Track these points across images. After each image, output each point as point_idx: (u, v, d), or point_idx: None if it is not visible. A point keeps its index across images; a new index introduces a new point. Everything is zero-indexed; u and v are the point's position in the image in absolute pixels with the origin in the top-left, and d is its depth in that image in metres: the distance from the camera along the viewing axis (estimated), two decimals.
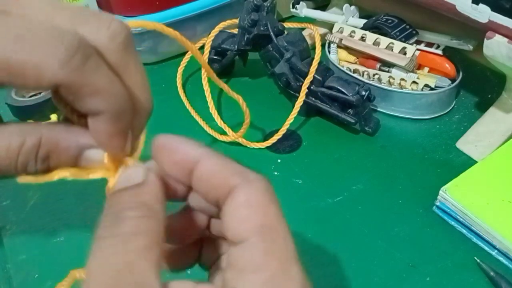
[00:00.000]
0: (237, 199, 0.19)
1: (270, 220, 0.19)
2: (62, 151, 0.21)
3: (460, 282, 0.38)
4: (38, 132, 0.21)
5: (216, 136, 0.50)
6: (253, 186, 0.20)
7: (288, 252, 0.19)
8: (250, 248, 0.19)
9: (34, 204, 0.43)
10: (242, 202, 0.19)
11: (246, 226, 0.19)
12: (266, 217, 0.19)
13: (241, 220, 0.19)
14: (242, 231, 0.19)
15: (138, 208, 0.19)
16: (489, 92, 0.54)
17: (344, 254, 0.40)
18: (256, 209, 0.19)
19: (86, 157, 0.21)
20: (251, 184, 0.20)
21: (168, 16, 0.59)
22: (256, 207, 0.19)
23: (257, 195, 0.19)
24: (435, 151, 0.49)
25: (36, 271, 0.38)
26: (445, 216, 0.42)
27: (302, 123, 0.53)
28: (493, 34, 0.43)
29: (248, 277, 0.18)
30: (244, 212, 0.19)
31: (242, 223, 0.19)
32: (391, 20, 0.55)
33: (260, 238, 0.19)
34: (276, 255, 0.19)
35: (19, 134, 0.20)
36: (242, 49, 0.54)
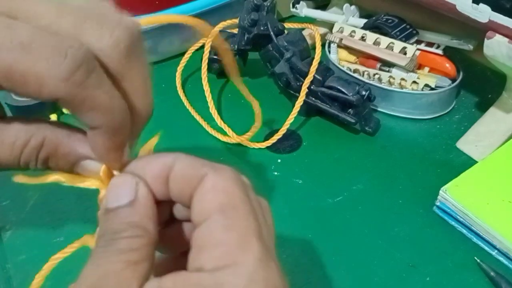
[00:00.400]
0: (205, 186, 0.20)
1: (233, 200, 0.20)
2: (61, 157, 0.22)
3: (460, 282, 0.38)
4: (42, 133, 0.21)
5: (218, 136, 0.50)
6: (220, 173, 0.20)
7: (248, 229, 0.19)
8: (210, 225, 0.19)
9: (34, 204, 0.43)
10: (208, 187, 0.20)
11: (209, 206, 0.20)
12: (229, 198, 0.20)
13: (205, 202, 0.20)
14: (205, 210, 0.20)
15: (130, 230, 0.20)
16: (490, 92, 0.54)
17: (344, 254, 0.39)
18: (220, 192, 0.20)
19: (82, 166, 0.22)
20: (218, 171, 0.20)
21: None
22: (220, 190, 0.20)
23: (223, 181, 0.20)
24: (435, 151, 0.49)
25: (36, 271, 0.38)
26: (445, 216, 0.42)
27: (302, 123, 0.53)
28: (493, 34, 0.43)
29: (207, 252, 0.19)
30: (209, 195, 0.20)
31: (206, 204, 0.20)
32: (391, 20, 0.55)
33: (221, 215, 0.19)
34: (236, 230, 0.19)
35: (25, 133, 0.21)
36: (242, 49, 0.54)
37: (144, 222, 0.20)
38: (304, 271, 0.38)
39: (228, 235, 0.19)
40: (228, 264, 0.18)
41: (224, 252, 0.19)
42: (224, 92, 0.57)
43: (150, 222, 0.20)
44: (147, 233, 0.20)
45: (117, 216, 0.20)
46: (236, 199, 0.20)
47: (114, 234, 0.20)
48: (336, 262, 0.39)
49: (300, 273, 0.38)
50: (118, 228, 0.20)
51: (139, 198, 0.20)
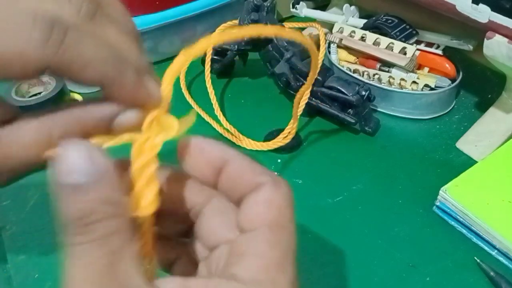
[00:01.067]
0: (261, 196, 0.20)
1: (284, 220, 0.20)
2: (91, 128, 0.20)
3: (460, 282, 0.38)
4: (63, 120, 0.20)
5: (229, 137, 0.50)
6: (278, 188, 0.21)
7: (288, 251, 0.20)
8: (257, 236, 0.20)
9: (34, 204, 0.43)
10: (264, 198, 0.20)
11: (260, 218, 0.20)
12: (280, 217, 0.20)
13: (257, 213, 0.20)
14: (255, 221, 0.20)
15: (101, 209, 0.17)
16: (489, 92, 0.54)
17: (344, 254, 0.39)
18: (274, 207, 0.20)
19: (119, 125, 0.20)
20: (277, 185, 0.21)
21: (168, 16, 0.59)
22: (275, 206, 0.20)
23: (279, 197, 0.20)
24: (435, 151, 0.49)
25: (36, 271, 0.38)
26: (445, 216, 0.42)
27: (302, 123, 0.53)
28: (493, 34, 0.43)
29: (246, 260, 0.19)
30: (263, 207, 0.20)
31: (258, 216, 0.20)
32: (391, 20, 0.55)
33: (268, 230, 0.20)
34: (279, 249, 0.19)
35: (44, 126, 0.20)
36: (242, 49, 0.54)
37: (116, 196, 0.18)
38: (304, 271, 0.38)
39: (272, 251, 0.19)
40: (264, 280, 0.19)
41: (263, 266, 0.19)
42: (225, 92, 0.57)
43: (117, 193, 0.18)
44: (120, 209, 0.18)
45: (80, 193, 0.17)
46: (287, 219, 0.20)
47: (84, 218, 0.17)
48: (336, 262, 0.39)
49: (300, 273, 0.38)
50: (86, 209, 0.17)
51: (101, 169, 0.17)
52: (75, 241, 0.17)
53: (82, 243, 0.17)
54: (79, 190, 0.17)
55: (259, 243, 0.19)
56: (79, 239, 0.17)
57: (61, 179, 0.17)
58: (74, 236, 0.17)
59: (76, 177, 0.17)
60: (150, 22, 0.58)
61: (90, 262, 0.17)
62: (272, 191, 0.20)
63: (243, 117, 0.53)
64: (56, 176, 0.17)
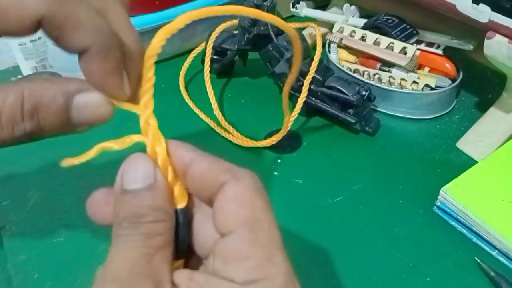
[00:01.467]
0: (226, 195, 0.20)
1: (256, 213, 0.20)
2: (49, 102, 0.20)
3: (460, 282, 0.38)
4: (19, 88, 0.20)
5: (226, 136, 0.50)
6: (241, 182, 0.21)
7: (272, 242, 0.20)
8: (236, 238, 0.20)
9: (34, 204, 0.43)
10: (230, 197, 0.20)
11: (234, 219, 0.20)
12: (252, 210, 0.20)
13: (229, 214, 0.20)
14: (230, 223, 0.20)
15: (153, 214, 0.20)
16: (490, 92, 0.54)
17: (344, 254, 0.39)
18: (243, 203, 0.20)
19: (77, 104, 0.20)
20: (239, 180, 0.21)
21: (168, 16, 0.59)
22: (243, 201, 0.20)
23: (244, 190, 0.20)
24: (435, 151, 0.49)
25: (36, 271, 0.38)
26: (446, 216, 0.42)
27: (302, 123, 0.53)
28: (493, 34, 0.43)
29: (234, 266, 0.19)
30: (232, 206, 0.20)
31: (230, 216, 0.20)
32: (391, 20, 0.55)
33: (246, 229, 0.20)
34: (261, 244, 0.20)
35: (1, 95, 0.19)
36: (242, 49, 0.54)
37: (166, 206, 0.20)
38: (304, 271, 0.38)
39: (255, 249, 0.19)
40: (259, 278, 0.19)
41: (253, 266, 0.19)
42: (225, 92, 0.57)
43: (169, 206, 0.21)
44: (169, 217, 0.20)
45: (137, 198, 0.20)
46: (259, 211, 0.20)
47: (137, 217, 0.20)
48: (336, 262, 0.39)
49: (300, 273, 0.38)
50: (140, 212, 0.20)
51: (159, 181, 0.20)
52: (124, 233, 0.20)
53: (131, 234, 0.20)
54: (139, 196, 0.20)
55: (241, 246, 0.19)
56: (129, 231, 0.20)
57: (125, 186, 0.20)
58: (125, 229, 0.20)
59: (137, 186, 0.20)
60: (150, 22, 0.58)
61: (133, 248, 0.19)
62: (236, 187, 0.20)
63: (243, 117, 0.53)
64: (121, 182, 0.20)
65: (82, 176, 0.44)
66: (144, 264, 0.19)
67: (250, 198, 0.20)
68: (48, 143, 0.51)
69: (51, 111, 0.20)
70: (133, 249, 0.19)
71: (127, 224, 0.20)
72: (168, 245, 0.20)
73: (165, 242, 0.20)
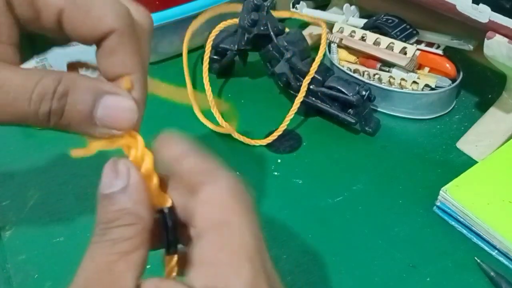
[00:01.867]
0: (200, 197, 0.20)
1: (227, 217, 0.19)
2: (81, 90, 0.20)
3: (460, 282, 0.38)
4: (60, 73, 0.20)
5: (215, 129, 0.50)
6: (217, 184, 0.20)
7: (240, 248, 0.19)
8: (204, 243, 0.19)
9: (34, 204, 0.43)
10: (203, 199, 0.20)
11: (204, 223, 0.20)
12: (224, 214, 0.19)
13: (200, 217, 0.20)
14: (200, 227, 0.20)
15: (124, 218, 0.20)
16: (490, 92, 0.54)
17: (344, 254, 0.39)
18: (216, 206, 0.20)
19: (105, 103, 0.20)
20: (216, 182, 0.20)
21: (168, 16, 0.59)
22: (216, 204, 0.20)
23: (219, 193, 0.20)
24: (435, 151, 0.49)
25: (36, 271, 0.38)
26: (446, 216, 0.42)
27: (302, 123, 0.53)
28: (493, 34, 0.43)
29: (197, 272, 0.19)
30: (204, 209, 0.20)
31: (200, 220, 0.20)
32: (391, 20, 0.55)
33: (214, 233, 0.19)
34: (227, 251, 0.19)
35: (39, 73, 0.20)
36: (242, 49, 0.54)
37: (137, 208, 0.20)
38: (304, 271, 0.38)
39: (219, 255, 0.19)
40: (216, 287, 0.18)
41: (214, 273, 0.18)
42: (225, 92, 0.57)
43: (142, 207, 0.20)
44: (140, 220, 0.20)
45: (110, 202, 0.20)
46: (231, 213, 0.19)
47: (108, 223, 0.20)
48: (336, 262, 0.39)
49: (300, 273, 0.38)
50: (111, 217, 0.20)
51: (131, 184, 0.20)
52: (94, 240, 0.20)
53: (98, 241, 0.20)
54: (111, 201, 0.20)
55: (207, 250, 0.19)
56: (97, 238, 0.20)
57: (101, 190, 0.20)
58: (96, 236, 0.20)
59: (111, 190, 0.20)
60: None
61: (97, 256, 0.19)
62: (211, 190, 0.20)
63: (243, 117, 0.53)
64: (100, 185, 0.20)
65: (82, 176, 0.44)
66: (104, 272, 0.19)
67: (224, 202, 0.20)
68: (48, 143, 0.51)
69: (79, 99, 0.20)
70: (95, 258, 0.19)
71: (99, 230, 0.20)
72: (137, 249, 0.19)
73: (133, 247, 0.19)
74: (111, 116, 0.21)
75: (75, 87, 0.20)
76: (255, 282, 0.18)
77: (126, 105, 0.21)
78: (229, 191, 0.20)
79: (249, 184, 0.21)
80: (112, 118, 0.21)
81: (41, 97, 0.19)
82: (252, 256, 0.19)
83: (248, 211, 0.20)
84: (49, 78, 0.20)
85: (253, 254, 0.19)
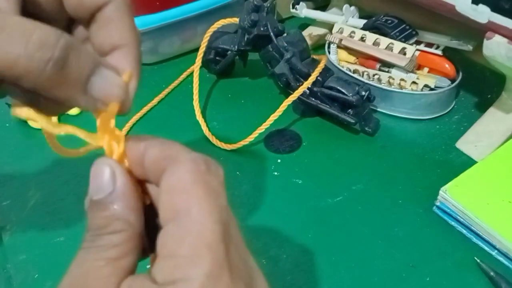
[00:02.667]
0: (163, 184, 0.19)
1: (188, 204, 0.18)
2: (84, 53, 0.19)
3: (460, 282, 0.38)
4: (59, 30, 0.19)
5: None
6: (179, 169, 0.19)
7: (200, 238, 0.18)
8: (164, 234, 0.18)
9: (34, 204, 0.43)
10: (164, 188, 0.19)
11: (164, 213, 0.19)
12: (184, 201, 0.18)
13: (162, 207, 0.19)
14: (162, 218, 0.19)
15: (113, 224, 0.19)
16: (489, 92, 0.55)
17: (344, 254, 0.40)
18: (175, 193, 0.19)
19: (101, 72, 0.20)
20: (177, 166, 0.19)
21: (168, 16, 0.59)
22: (175, 191, 0.19)
23: (180, 178, 0.19)
24: (435, 151, 0.49)
25: (36, 271, 0.38)
26: (445, 216, 0.42)
27: (302, 123, 0.53)
28: (492, 35, 0.43)
29: (159, 264, 0.18)
30: (165, 198, 0.19)
31: (162, 210, 0.19)
32: (391, 21, 0.55)
33: (174, 223, 0.18)
34: (187, 241, 0.18)
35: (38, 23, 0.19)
36: (242, 49, 0.54)
37: (125, 214, 0.20)
38: (304, 271, 0.39)
39: (179, 246, 0.18)
40: (176, 279, 0.17)
41: (173, 266, 0.18)
42: (224, 92, 0.58)
43: (131, 212, 0.20)
44: (129, 226, 0.19)
45: (99, 208, 0.20)
46: (191, 200, 0.18)
47: (98, 229, 0.19)
48: (336, 262, 0.39)
49: (300, 273, 0.38)
50: (101, 223, 0.19)
51: (117, 189, 0.20)
52: (83, 246, 0.20)
53: (87, 248, 0.19)
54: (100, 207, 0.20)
55: (167, 242, 0.18)
56: (86, 244, 0.20)
57: (91, 196, 0.20)
58: (86, 242, 0.20)
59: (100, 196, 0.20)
60: (150, 22, 0.58)
61: (83, 261, 0.19)
62: (172, 174, 0.19)
63: (243, 117, 0.53)
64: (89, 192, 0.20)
65: (82, 176, 0.44)
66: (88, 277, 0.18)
67: (184, 188, 0.18)
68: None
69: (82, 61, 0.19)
70: (82, 263, 0.19)
71: (89, 236, 0.20)
72: (125, 257, 0.19)
73: (121, 254, 0.19)
74: (104, 88, 0.20)
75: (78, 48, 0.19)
76: (215, 271, 0.17)
77: (119, 82, 0.21)
78: (190, 174, 0.19)
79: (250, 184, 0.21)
80: (104, 90, 0.20)
81: (41, 42, 0.18)
82: (213, 245, 0.18)
83: (212, 195, 0.18)
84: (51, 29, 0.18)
85: (215, 243, 0.18)
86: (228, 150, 0.49)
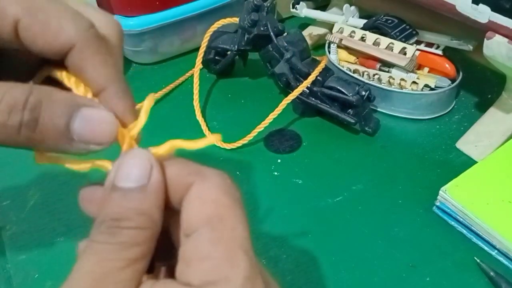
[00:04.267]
0: (192, 194, 0.19)
1: (220, 211, 0.19)
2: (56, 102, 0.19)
3: (460, 282, 0.38)
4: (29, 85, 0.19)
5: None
6: (207, 182, 0.20)
7: (235, 241, 0.19)
8: (197, 238, 0.19)
9: (34, 204, 0.43)
10: (194, 196, 0.19)
11: (196, 218, 0.19)
12: (216, 209, 0.19)
13: (192, 213, 0.19)
14: (192, 223, 0.19)
15: (138, 219, 0.19)
16: (489, 92, 0.54)
17: (344, 254, 0.40)
18: (207, 202, 0.19)
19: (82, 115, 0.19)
20: (205, 180, 0.20)
21: (168, 16, 0.59)
22: (207, 200, 0.19)
23: (210, 189, 0.19)
24: (435, 151, 0.49)
25: (36, 271, 0.38)
26: (445, 216, 0.42)
27: (302, 123, 0.53)
28: (493, 34, 0.43)
29: (194, 267, 0.18)
30: (195, 205, 0.19)
31: (193, 215, 0.19)
32: (391, 20, 0.55)
33: (208, 228, 0.19)
34: (222, 244, 0.18)
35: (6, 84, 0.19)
36: (242, 49, 0.54)
37: (153, 212, 0.19)
38: (304, 271, 0.39)
39: (215, 248, 0.18)
40: (216, 280, 0.18)
41: (211, 267, 0.18)
42: (224, 92, 0.58)
43: (158, 212, 0.19)
44: (154, 225, 0.19)
45: (125, 198, 0.19)
46: (223, 208, 0.19)
47: (118, 221, 0.18)
48: (336, 262, 0.39)
49: (300, 273, 0.38)
50: (124, 214, 0.18)
51: (152, 183, 0.19)
52: (99, 239, 0.18)
53: (105, 243, 0.18)
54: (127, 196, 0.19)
55: (202, 245, 0.18)
56: (105, 238, 0.18)
57: (116, 182, 0.19)
58: (101, 234, 0.18)
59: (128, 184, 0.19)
60: (150, 22, 0.58)
61: (104, 260, 0.18)
62: (201, 187, 0.19)
63: (243, 117, 0.53)
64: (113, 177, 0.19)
65: (82, 176, 0.43)
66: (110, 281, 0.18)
67: (215, 196, 0.19)
68: None
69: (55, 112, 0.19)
70: (102, 262, 0.18)
71: (105, 228, 0.18)
72: (144, 258, 0.19)
73: (142, 255, 0.18)
74: (89, 129, 0.19)
75: (49, 99, 0.19)
76: (252, 272, 0.18)
77: (104, 116, 0.20)
78: (220, 187, 0.20)
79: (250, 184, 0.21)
80: (90, 132, 0.20)
81: (10, 108, 0.18)
82: (247, 248, 0.19)
83: (239, 206, 0.20)
84: (18, 89, 0.18)
85: (248, 247, 0.19)
86: (228, 149, 0.49)
